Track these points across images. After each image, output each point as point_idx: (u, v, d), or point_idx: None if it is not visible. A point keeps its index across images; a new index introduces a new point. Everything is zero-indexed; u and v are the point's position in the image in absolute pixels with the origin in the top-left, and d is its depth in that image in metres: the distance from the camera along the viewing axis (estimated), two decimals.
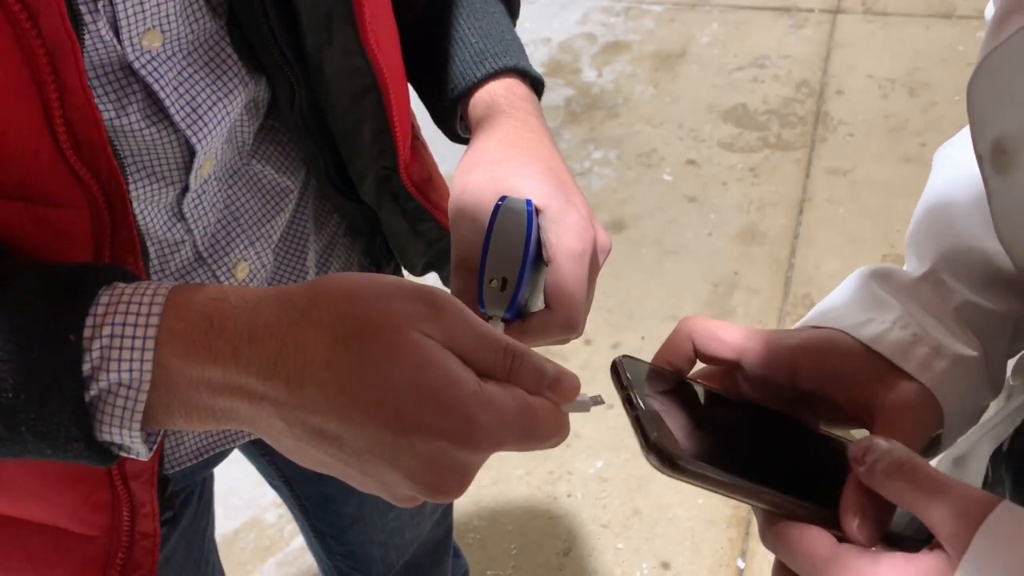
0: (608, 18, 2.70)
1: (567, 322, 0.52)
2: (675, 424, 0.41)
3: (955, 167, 0.54)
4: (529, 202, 0.53)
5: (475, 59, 0.62)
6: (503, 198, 0.53)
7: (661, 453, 0.39)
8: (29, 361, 0.37)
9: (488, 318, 0.52)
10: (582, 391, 0.43)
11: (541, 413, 0.40)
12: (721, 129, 2.27)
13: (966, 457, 0.53)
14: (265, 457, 0.84)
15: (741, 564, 1.44)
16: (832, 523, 0.40)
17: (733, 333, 0.46)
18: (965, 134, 0.53)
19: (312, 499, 0.88)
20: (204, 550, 0.75)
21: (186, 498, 0.70)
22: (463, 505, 1.53)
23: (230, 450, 0.69)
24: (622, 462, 1.59)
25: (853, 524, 0.39)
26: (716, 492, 0.40)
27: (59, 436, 0.38)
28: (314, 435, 0.38)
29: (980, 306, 0.48)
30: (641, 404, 0.41)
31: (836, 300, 0.50)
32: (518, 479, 1.57)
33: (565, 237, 0.53)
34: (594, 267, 0.54)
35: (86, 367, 0.38)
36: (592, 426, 1.63)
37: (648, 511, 1.52)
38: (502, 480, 1.57)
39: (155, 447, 0.41)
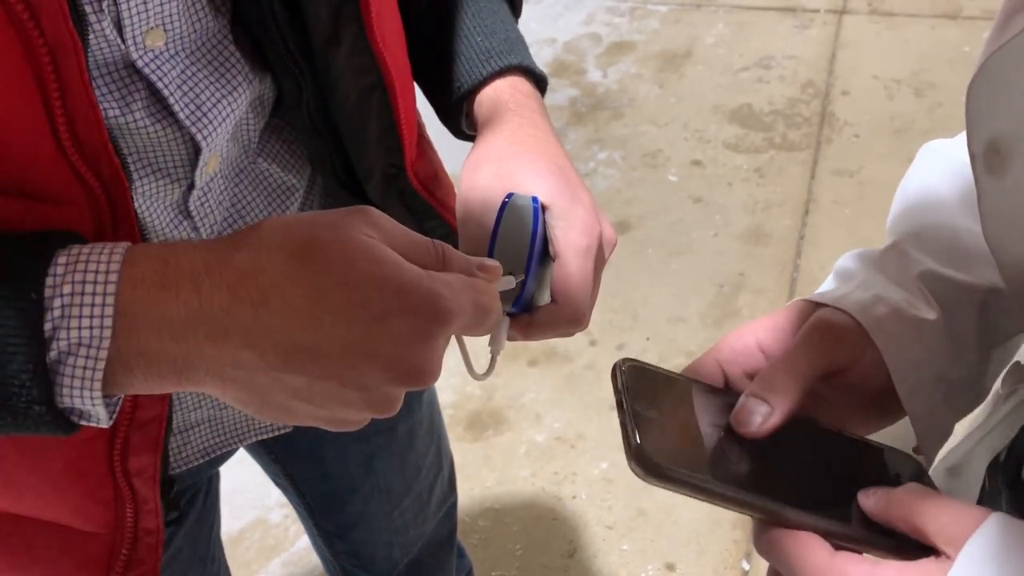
0: (613, 18, 2.70)
1: (573, 316, 0.53)
2: (670, 432, 0.41)
3: (932, 155, 0.55)
4: (535, 198, 0.54)
5: (480, 57, 0.62)
6: (509, 195, 0.54)
7: (643, 460, 0.39)
8: None
9: None
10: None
11: (482, 287, 0.43)
12: (726, 130, 2.27)
13: (961, 467, 0.53)
14: (271, 457, 0.84)
15: (746, 566, 1.44)
16: (829, 533, 0.40)
17: (705, 355, 0.48)
18: (959, 137, 0.54)
19: (317, 498, 0.88)
20: (210, 549, 0.75)
21: (192, 497, 0.70)
22: (467, 505, 1.53)
23: (236, 449, 0.69)
24: (627, 463, 1.58)
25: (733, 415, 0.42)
26: (707, 501, 0.40)
27: (20, 400, 0.38)
28: (288, 354, 0.38)
29: (943, 275, 0.49)
30: (631, 409, 0.41)
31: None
32: (523, 480, 1.57)
33: (572, 233, 0.53)
34: (600, 261, 0.55)
35: (47, 326, 0.37)
36: (597, 427, 1.63)
37: (653, 512, 1.51)
38: (507, 481, 1.57)
39: (115, 413, 0.41)
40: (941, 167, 0.53)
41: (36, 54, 0.38)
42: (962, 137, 0.53)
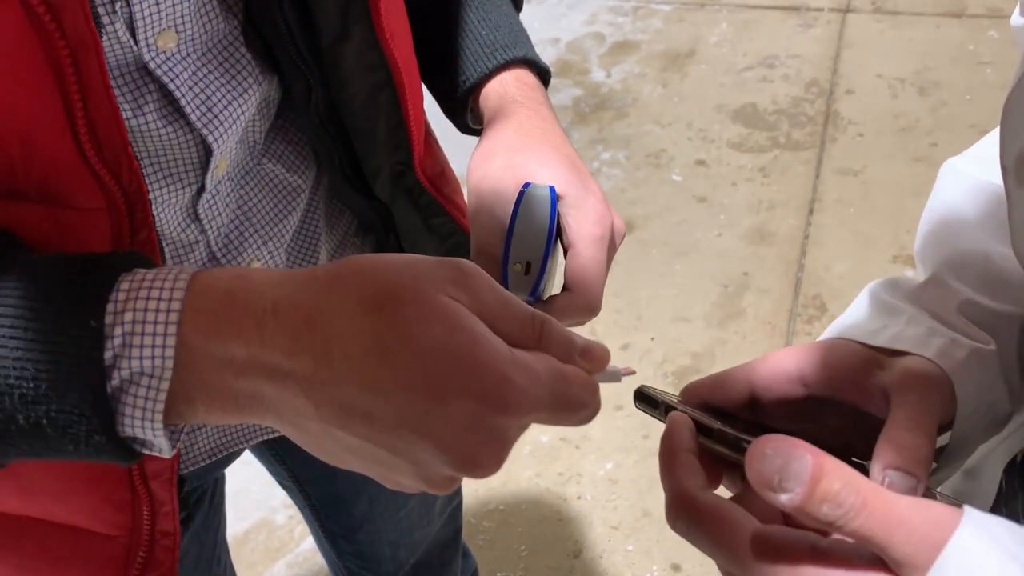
0: (616, 18, 2.70)
1: (588, 304, 0.53)
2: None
3: (957, 176, 0.54)
4: (552, 188, 0.54)
5: (485, 50, 0.63)
6: (526, 184, 0.54)
7: (726, 437, 0.39)
8: (50, 349, 0.36)
9: None
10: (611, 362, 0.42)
11: (573, 378, 0.39)
12: (730, 129, 2.26)
13: (978, 469, 0.53)
14: (276, 458, 0.84)
15: None
16: None
17: (737, 371, 0.46)
18: (973, 149, 0.54)
19: (322, 499, 0.88)
20: (216, 550, 0.75)
21: (198, 498, 0.70)
22: (472, 507, 1.53)
23: (242, 450, 0.69)
24: (632, 463, 1.58)
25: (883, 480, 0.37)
26: None
27: (80, 429, 0.37)
28: (342, 412, 0.36)
29: (983, 305, 0.48)
30: (684, 407, 0.42)
31: (849, 315, 0.50)
32: (528, 481, 1.57)
33: (585, 222, 0.54)
34: (611, 250, 0.56)
35: (108, 355, 0.36)
36: (602, 428, 1.63)
37: (658, 513, 1.51)
38: (511, 482, 1.57)
39: (177, 443, 0.40)
40: (966, 190, 0.53)
41: (57, 55, 0.38)
42: (975, 152, 0.53)
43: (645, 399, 0.43)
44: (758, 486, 0.32)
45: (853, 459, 0.46)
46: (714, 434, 0.39)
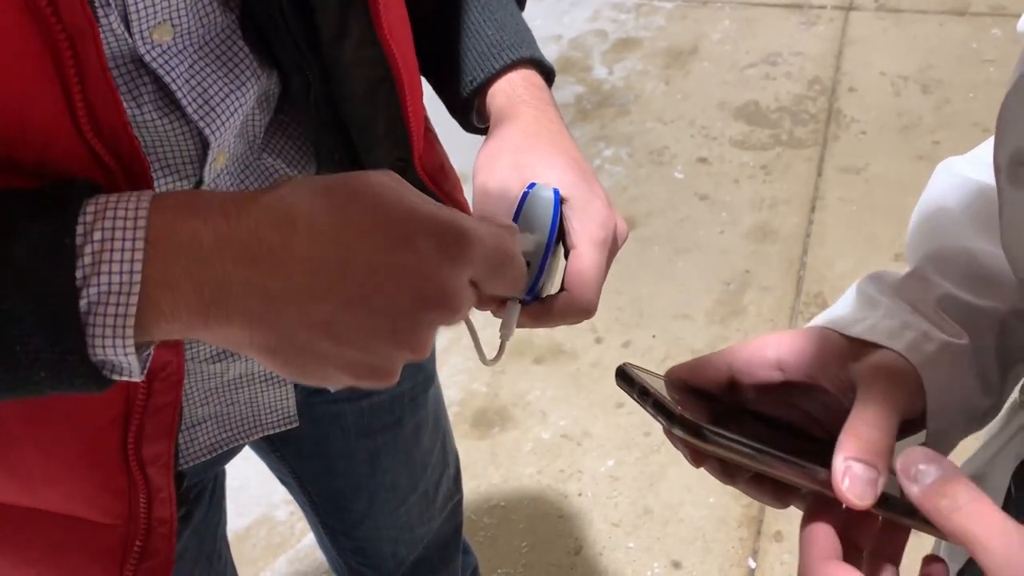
0: (619, 15, 2.70)
1: (586, 306, 0.54)
2: (691, 411, 0.42)
3: (949, 175, 0.55)
4: (556, 191, 0.55)
5: (492, 50, 0.63)
6: (531, 185, 0.55)
7: (687, 423, 0.40)
8: (24, 266, 0.36)
9: (506, 299, 0.54)
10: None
11: (501, 231, 0.44)
12: (733, 127, 2.26)
13: (984, 475, 0.53)
14: (276, 454, 0.84)
15: (752, 564, 1.44)
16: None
17: (717, 355, 0.48)
18: (975, 150, 0.54)
19: (323, 496, 0.88)
20: (216, 546, 0.75)
21: (198, 494, 0.70)
22: (473, 503, 1.53)
23: (242, 446, 0.69)
24: (633, 461, 1.58)
25: (842, 486, 0.39)
26: (742, 462, 0.41)
27: (54, 351, 0.37)
28: (315, 277, 0.38)
29: (961, 299, 0.49)
30: (658, 390, 0.43)
31: (835, 307, 0.52)
32: (529, 477, 1.57)
33: (590, 225, 0.55)
34: (612, 253, 0.56)
35: (79, 273, 0.37)
36: (603, 425, 1.63)
37: (659, 510, 1.51)
38: (512, 478, 1.57)
39: (146, 366, 0.40)
40: (957, 188, 0.54)
41: (55, 40, 0.38)
42: (976, 153, 0.54)
43: (624, 377, 0.45)
44: (902, 473, 0.36)
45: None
46: (675, 419, 0.41)
